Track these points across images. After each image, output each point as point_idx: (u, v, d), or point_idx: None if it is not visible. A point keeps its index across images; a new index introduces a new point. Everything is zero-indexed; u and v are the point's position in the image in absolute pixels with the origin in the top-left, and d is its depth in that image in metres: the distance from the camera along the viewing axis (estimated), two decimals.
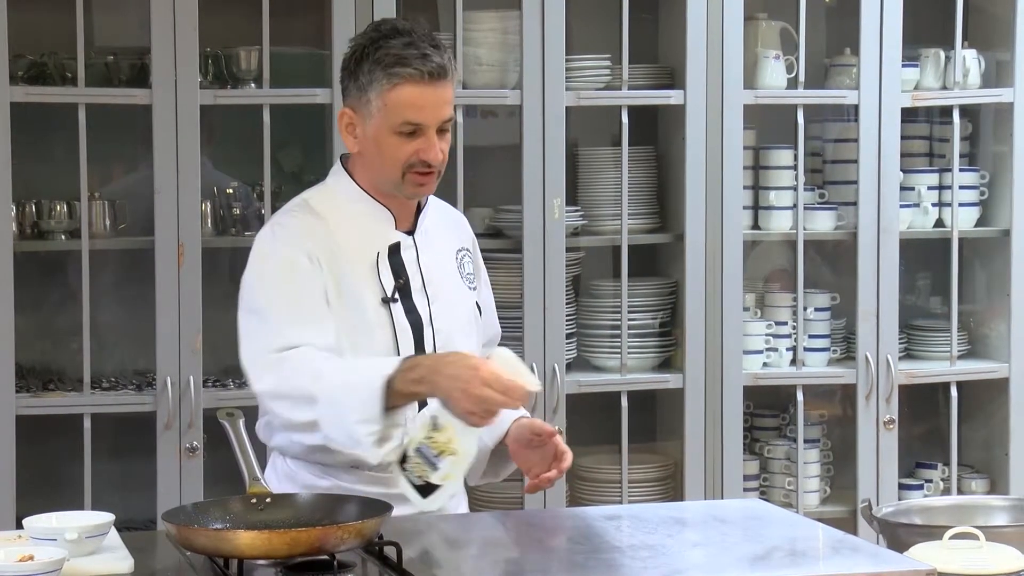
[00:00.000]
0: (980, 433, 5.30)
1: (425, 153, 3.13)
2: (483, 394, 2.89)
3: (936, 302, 5.39)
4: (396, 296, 3.18)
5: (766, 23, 5.01)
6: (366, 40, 3.15)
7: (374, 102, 3.12)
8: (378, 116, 3.12)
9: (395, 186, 3.18)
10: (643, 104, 4.89)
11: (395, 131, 3.12)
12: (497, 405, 2.91)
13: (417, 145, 3.12)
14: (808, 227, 5.00)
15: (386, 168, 3.16)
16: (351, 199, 3.22)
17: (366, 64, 3.12)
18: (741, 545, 2.87)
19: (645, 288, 4.96)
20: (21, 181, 4.49)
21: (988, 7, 5.17)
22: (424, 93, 3.10)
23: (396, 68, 3.09)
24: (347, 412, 2.98)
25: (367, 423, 2.97)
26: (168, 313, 4.52)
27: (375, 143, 3.15)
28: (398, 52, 3.10)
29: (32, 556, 2.63)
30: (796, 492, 5.03)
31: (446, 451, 2.95)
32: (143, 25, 4.52)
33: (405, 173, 3.15)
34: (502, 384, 2.90)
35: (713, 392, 4.89)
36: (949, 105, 5.12)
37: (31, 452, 4.51)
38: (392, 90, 3.10)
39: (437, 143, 3.14)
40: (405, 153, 3.13)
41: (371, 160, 3.18)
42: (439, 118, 3.13)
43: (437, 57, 3.11)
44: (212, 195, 4.75)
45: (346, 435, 3.00)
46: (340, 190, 3.24)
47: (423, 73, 3.09)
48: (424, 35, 3.14)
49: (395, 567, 2.73)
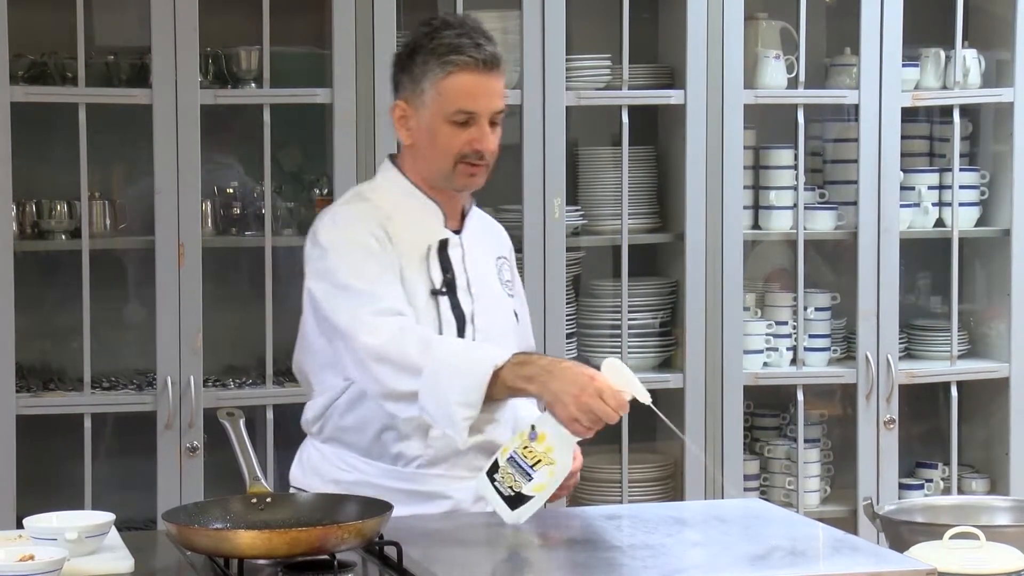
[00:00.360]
0: (980, 433, 5.30)
1: (478, 143, 3.17)
2: (595, 404, 2.87)
3: (936, 302, 5.39)
4: (444, 289, 3.20)
5: (766, 23, 5.01)
6: (419, 33, 3.21)
7: (428, 92, 3.16)
8: (432, 105, 3.16)
9: (446, 178, 3.21)
10: (643, 104, 4.89)
11: (449, 119, 3.16)
12: (606, 417, 2.89)
13: (470, 135, 3.16)
14: (808, 227, 5.00)
15: (439, 158, 3.19)
16: (403, 193, 3.25)
17: (420, 55, 3.17)
18: (741, 545, 2.87)
19: (645, 288, 4.96)
20: (21, 181, 4.49)
21: (988, 7, 5.17)
22: (478, 82, 3.15)
23: (451, 56, 3.14)
24: (449, 391, 2.97)
25: (467, 407, 2.95)
26: (168, 313, 4.52)
27: (429, 133, 3.18)
28: (452, 41, 3.15)
29: (32, 556, 2.64)
30: (796, 492, 5.03)
31: (543, 460, 2.90)
32: (143, 25, 4.52)
33: (457, 163, 3.18)
34: (616, 398, 2.88)
35: (713, 392, 4.89)
36: (949, 105, 5.12)
37: (31, 452, 4.51)
38: (447, 78, 3.15)
39: (489, 133, 3.18)
40: (459, 142, 3.17)
41: (424, 151, 3.21)
42: (492, 108, 3.18)
43: (490, 47, 3.17)
44: (212, 195, 4.75)
45: (443, 413, 2.98)
46: (392, 184, 3.27)
47: (477, 61, 3.14)
48: (476, 27, 3.20)
49: (395, 567, 2.73)
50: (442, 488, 3.23)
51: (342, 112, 4.60)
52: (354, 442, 3.24)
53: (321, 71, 4.70)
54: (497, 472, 2.93)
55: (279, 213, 4.73)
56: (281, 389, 4.64)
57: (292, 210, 4.78)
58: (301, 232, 4.78)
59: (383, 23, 4.60)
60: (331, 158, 4.64)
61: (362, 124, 4.60)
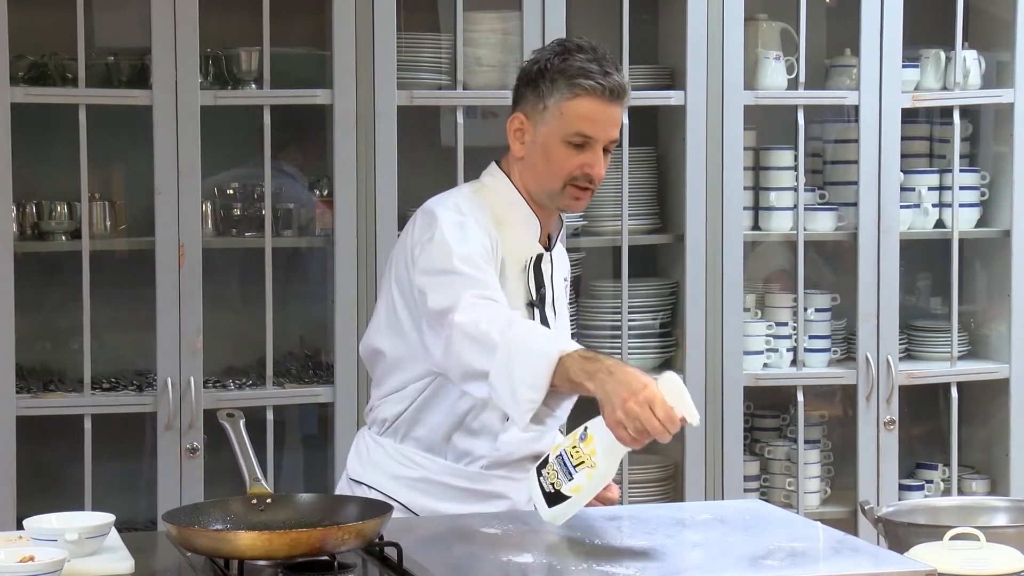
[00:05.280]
0: (980, 434, 5.30)
1: (590, 167, 3.23)
2: (641, 413, 2.79)
3: (936, 303, 5.39)
4: (538, 302, 3.27)
5: (766, 23, 5.01)
6: (551, 52, 3.25)
7: (551, 109, 3.21)
8: (552, 123, 3.21)
9: (552, 196, 3.26)
10: (643, 104, 4.89)
11: (565, 140, 3.21)
12: (650, 428, 2.80)
13: (584, 159, 3.22)
14: (808, 228, 5.00)
15: (550, 176, 3.24)
16: (511, 200, 3.29)
17: (549, 73, 3.22)
18: (741, 545, 2.87)
19: (645, 289, 4.96)
20: (22, 182, 4.49)
21: (988, 8, 5.18)
22: (601, 109, 3.21)
23: (580, 80, 3.19)
24: (518, 370, 2.94)
25: (531, 388, 2.93)
26: (168, 313, 4.52)
27: (543, 150, 3.23)
28: (583, 65, 3.20)
29: (33, 557, 2.64)
30: (796, 493, 5.03)
31: (585, 462, 2.86)
32: (143, 25, 4.52)
33: (566, 185, 3.23)
34: (664, 410, 2.80)
35: (713, 393, 4.89)
36: (949, 106, 5.12)
37: (31, 453, 4.51)
38: (572, 100, 3.20)
39: (602, 159, 3.24)
40: (572, 164, 3.22)
41: (535, 166, 3.26)
42: (609, 136, 3.24)
43: (618, 77, 3.22)
44: (212, 196, 4.75)
45: (510, 392, 2.95)
46: (504, 191, 3.30)
47: (604, 89, 3.20)
48: (606, 56, 3.24)
49: (395, 568, 2.73)
50: (503, 488, 3.28)
51: (342, 113, 4.60)
52: (421, 437, 3.28)
53: (321, 71, 4.70)
54: (545, 467, 2.91)
55: (279, 214, 4.73)
56: (281, 390, 4.65)
57: (292, 211, 4.78)
58: (301, 233, 4.79)
59: (383, 23, 4.60)
60: (331, 159, 4.64)
61: (362, 125, 4.60)
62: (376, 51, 4.59)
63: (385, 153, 4.60)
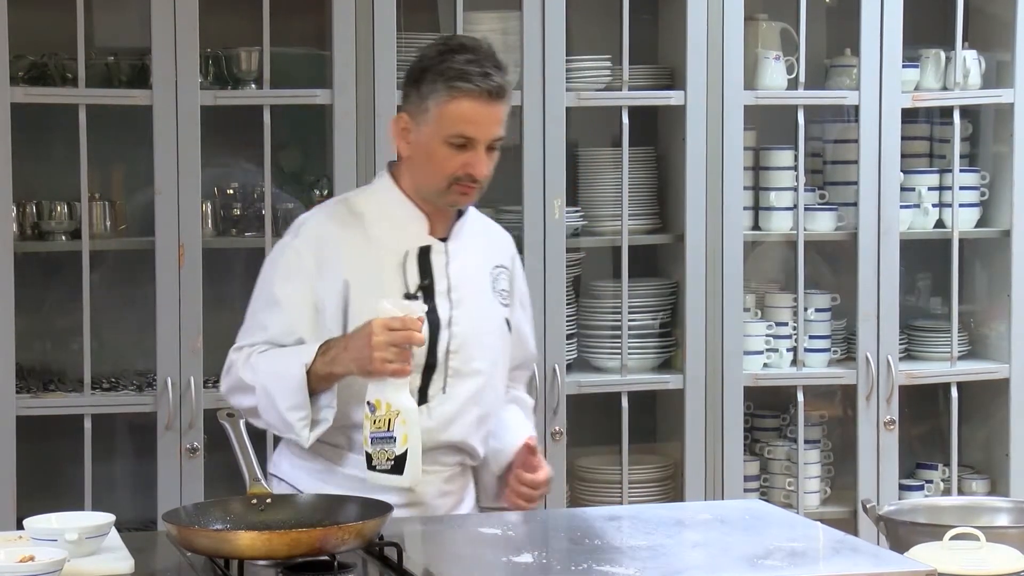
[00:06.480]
0: (980, 434, 5.30)
1: (472, 167, 3.25)
2: (386, 338, 3.04)
3: (936, 303, 5.39)
4: (418, 295, 3.28)
5: (766, 23, 5.01)
6: (433, 52, 3.28)
7: (431, 111, 3.24)
8: (433, 125, 3.24)
9: (438, 194, 3.30)
10: (643, 105, 4.89)
11: (446, 142, 3.24)
12: (405, 340, 3.07)
13: (466, 158, 3.25)
14: (808, 228, 5.00)
15: (433, 176, 3.28)
16: (391, 202, 3.34)
17: (430, 74, 3.25)
18: (741, 545, 2.87)
19: (645, 289, 4.96)
20: (21, 182, 4.49)
21: (988, 8, 5.18)
22: (480, 110, 3.23)
23: (457, 82, 3.22)
24: (278, 400, 3.19)
25: (296, 409, 3.18)
26: (168, 313, 4.52)
27: (426, 151, 3.27)
28: (461, 67, 3.22)
29: (33, 557, 2.64)
30: (796, 493, 5.03)
31: (391, 417, 3.06)
32: (143, 25, 4.52)
33: (450, 184, 3.26)
34: (400, 322, 3.06)
35: (713, 393, 4.89)
36: (949, 106, 5.12)
37: (31, 453, 4.51)
38: (450, 102, 3.22)
39: (485, 159, 3.25)
40: (453, 165, 3.25)
41: (419, 166, 3.30)
42: (490, 135, 3.26)
43: (498, 77, 3.25)
44: (212, 196, 4.75)
45: (280, 421, 3.21)
46: (382, 192, 3.37)
47: (482, 91, 3.22)
48: (488, 55, 3.27)
49: (395, 567, 2.73)
50: None
51: (342, 113, 4.60)
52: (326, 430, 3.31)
53: (321, 72, 4.70)
54: (372, 460, 3.10)
55: (279, 214, 4.73)
56: None
57: (292, 211, 4.78)
58: None
59: (383, 23, 4.60)
60: (331, 159, 4.64)
61: (362, 125, 4.60)
62: (376, 51, 4.60)
63: (385, 153, 4.60)
